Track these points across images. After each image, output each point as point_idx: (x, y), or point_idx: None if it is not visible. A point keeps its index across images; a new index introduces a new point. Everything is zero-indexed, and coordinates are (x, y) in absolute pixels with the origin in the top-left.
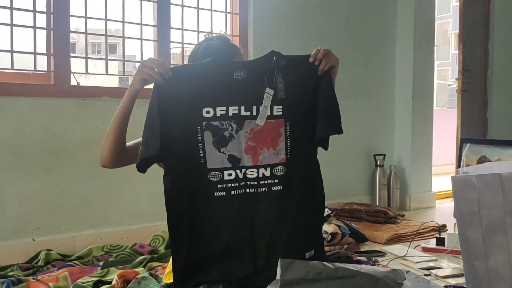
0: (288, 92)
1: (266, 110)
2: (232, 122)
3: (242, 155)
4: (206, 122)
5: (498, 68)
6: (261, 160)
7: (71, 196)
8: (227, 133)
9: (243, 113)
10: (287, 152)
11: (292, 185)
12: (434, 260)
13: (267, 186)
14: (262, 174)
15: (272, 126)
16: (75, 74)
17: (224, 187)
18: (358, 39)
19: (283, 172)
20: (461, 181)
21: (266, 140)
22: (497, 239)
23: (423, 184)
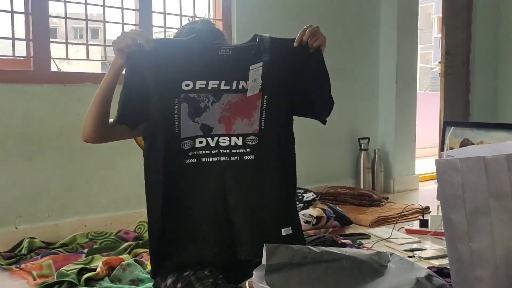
0: (270, 68)
1: (256, 82)
2: (209, 95)
3: (215, 124)
4: (184, 95)
5: (480, 52)
6: (234, 129)
7: (54, 183)
8: (203, 104)
9: (222, 87)
10: (261, 124)
11: (263, 156)
12: (417, 242)
13: (239, 155)
14: (234, 143)
15: (249, 99)
16: (55, 60)
17: (195, 154)
18: (341, 22)
19: (255, 142)
20: (445, 164)
21: (241, 111)
22: (480, 222)
23: (406, 167)
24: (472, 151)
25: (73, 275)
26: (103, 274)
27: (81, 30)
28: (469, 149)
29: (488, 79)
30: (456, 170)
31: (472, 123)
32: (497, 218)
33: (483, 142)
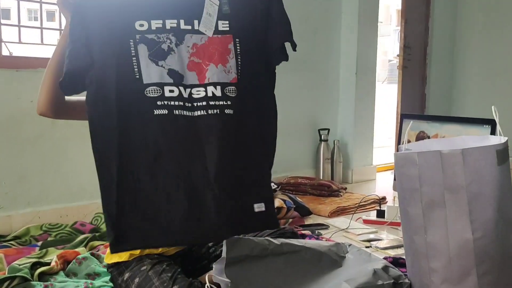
0: (234, 6)
1: (211, 18)
2: (170, 35)
3: (184, 72)
4: (140, 35)
5: (437, 45)
6: (209, 77)
7: (5, 173)
8: (165, 46)
9: (183, 27)
10: (238, 71)
11: (243, 112)
12: (374, 232)
13: (219, 108)
14: (212, 94)
15: (219, 41)
16: (7, 44)
17: (165, 105)
18: (305, 12)
19: (235, 94)
20: (404, 158)
21: (213, 56)
22: (435, 215)
23: (364, 157)
24: (429, 145)
25: (26, 269)
26: (58, 268)
27: (36, 12)
28: (426, 143)
29: (444, 72)
30: (414, 164)
31: (428, 116)
32: (451, 211)
33: (437, 135)
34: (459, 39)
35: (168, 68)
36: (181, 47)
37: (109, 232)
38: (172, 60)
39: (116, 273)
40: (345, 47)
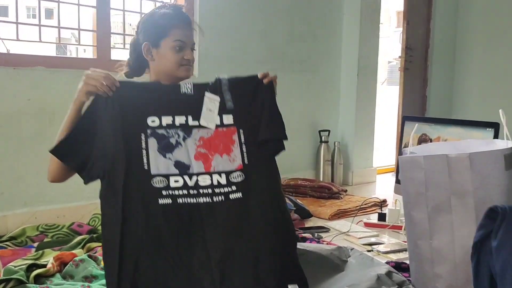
0: (237, 102)
1: (211, 113)
2: (178, 130)
3: (191, 162)
4: (151, 130)
5: (438, 47)
6: (214, 166)
7: (1, 172)
8: (173, 140)
9: (191, 123)
10: (244, 158)
11: (253, 193)
12: (375, 235)
13: (223, 195)
14: (217, 182)
15: (224, 133)
16: (4, 41)
17: (170, 194)
18: (305, 14)
19: (242, 178)
20: (409, 161)
21: (218, 147)
22: (441, 219)
23: (365, 159)
24: (434, 149)
25: (21, 272)
26: (54, 270)
27: (34, 9)
28: (430, 146)
29: (445, 74)
30: (420, 168)
31: (430, 119)
32: (457, 216)
33: (440, 137)
34: (461, 41)
35: (174, 160)
36: (188, 140)
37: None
38: (179, 152)
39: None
40: (347, 48)
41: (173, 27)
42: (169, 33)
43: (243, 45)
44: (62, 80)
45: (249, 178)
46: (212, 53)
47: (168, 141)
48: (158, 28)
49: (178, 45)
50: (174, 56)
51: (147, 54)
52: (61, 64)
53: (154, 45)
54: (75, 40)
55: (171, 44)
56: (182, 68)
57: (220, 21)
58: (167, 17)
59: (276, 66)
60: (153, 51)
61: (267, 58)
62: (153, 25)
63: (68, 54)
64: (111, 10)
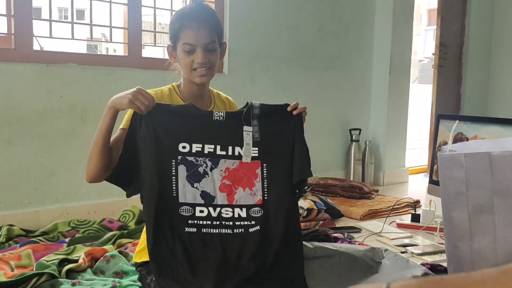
0: (263, 134)
1: (248, 147)
2: (207, 160)
3: (216, 193)
4: (181, 157)
5: (473, 44)
6: (237, 199)
7: (34, 168)
8: (202, 169)
9: (218, 152)
10: (264, 194)
11: (270, 227)
12: (409, 237)
13: (243, 228)
14: (238, 215)
15: (248, 166)
16: (38, 38)
17: (195, 224)
18: (337, 10)
19: (260, 214)
20: (449, 159)
21: (242, 180)
22: (482, 220)
23: (397, 159)
24: (475, 146)
25: (53, 266)
26: (85, 266)
27: (66, 11)
28: (470, 144)
29: (480, 72)
30: (460, 166)
31: (467, 117)
32: (500, 216)
33: (477, 136)
34: (496, 38)
35: (201, 190)
36: (215, 170)
37: None
38: (206, 182)
39: (145, 273)
40: (379, 45)
41: (184, 28)
42: (180, 36)
43: (273, 42)
44: (94, 77)
45: (267, 214)
46: (241, 49)
47: (197, 170)
48: (173, 30)
49: (187, 48)
50: (185, 60)
51: (170, 57)
52: (93, 61)
53: (174, 48)
54: (105, 40)
55: (181, 48)
56: (194, 73)
57: (250, 17)
58: (179, 17)
59: (306, 63)
60: (173, 54)
61: (297, 55)
62: (170, 27)
63: (100, 53)
64: (142, 7)
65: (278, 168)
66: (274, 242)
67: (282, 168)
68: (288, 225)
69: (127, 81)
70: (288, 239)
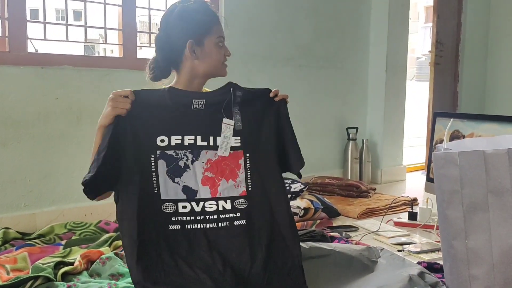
0: (246, 123)
1: (227, 140)
2: (187, 152)
3: (198, 187)
4: (160, 151)
5: (469, 42)
6: (220, 191)
7: (30, 170)
8: (182, 163)
9: (199, 143)
10: (248, 185)
11: (256, 220)
12: (406, 235)
13: (228, 221)
14: (223, 207)
15: (231, 157)
16: (32, 41)
17: (178, 220)
18: (333, 11)
19: (245, 205)
20: (443, 158)
21: (224, 171)
22: (477, 219)
23: (394, 157)
24: (469, 145)
25: (49, 269)
26: (81, 268)
27: (63, 12)
28: (466, 142)
29: (477, 69)
30: (455, 164)
31: (463, 114)
32: (495, 214)
33: (473, 134)
34: (493, 35)
35: (183, 185)
36: (196, 163)
37: None
38: (188, 176)
39: None
40: (375, 44)
41: (215, 23)
42: (212, 30)
43: (269, 41)
44: (89, 79)
45: (251, 206)
46: (237, 49)
47: (177, 164)
48: (201, 25)
49: (221, 41)
50: (219, 53)
51: (191, 53)
52: (88, 63)
53: (198, 43)
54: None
55: (215, 41)
56: (223, 65)
57: (246, 17)
58: (206, 14)
59: (302, 62)
60: (197, 49)
61: (293, 54)
62: (195, 22)
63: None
64: (137, 8)
65: (261, 157)
66: (263, 235)
67: (266, 157)
68: (276, 218)
69: (122, 83)
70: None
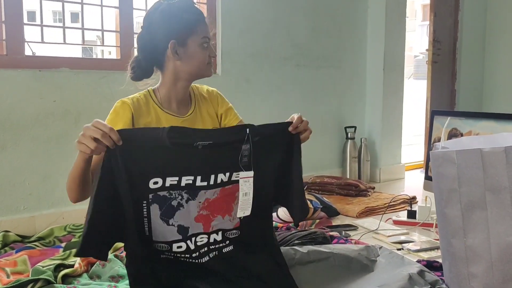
0: (253, 157)
1: (247, 197)
2: (183, 192)
3: (191, 223)
4: (153, 195)
5: (466, 39)
6: (213, 226)
7: (29, 173)
8: (175, 202)
9: (198, 183)
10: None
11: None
12: (405, 233)
13: (217, 250)
14: (214, 239)
15: (229, 192)
16: (29, 43)
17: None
18: (330, 9)
19: (237, 235)
20: (441, 156)
21: (221, 208)
22: (476, 217)
23: (392, 156)
24: (467, 143)
25: (49, 272)
26: (81, 271)
27: (60, 14)
28: (463, 141)
29: (474, 67)
30: (452, 163)
31: (461, 112)
32: (493, 212)
33: (471, 132)
34: (490, 33)
35: (177, 225)
36: (191, 202)
37: None
38: (180, 215)
39: None
40: (372, 42)
41: (200, 23)
42: (196, 30)
43: (267, 41)
44: (87, 81)
45: (243, 234)
46: (235, 49)
47: (170, 204)
48: (185, 25)
49: (205, 41)
50: (203, 54)
51: (174, 54)
52: (85, 65)
53: (180, 44)
54: (99, 43)
55: (199, 41)
56: (208, 66)
57: (243, 16)
58: (192, 12)
59: (300, 62)
60: (180, 50)
61: (291, 54)
62: (178, 21)
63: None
64: (134, 10)
65: (258, 189)
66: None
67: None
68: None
69: (119, 84)
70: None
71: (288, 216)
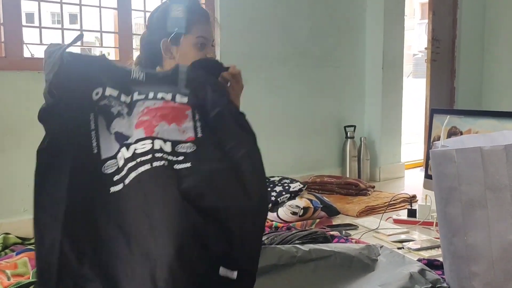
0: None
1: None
2: (123, 105)
3: (131, 132)
4: (97, 106)
5: (465, 38)
6: (158, 131)
7: (29, 175)
8: (115, 110)
9: (136, 97)
10: (197, 132)
11: (207, 167)
12: (406, 232)
13: (167, 161)
14: (160, 147)
15: (175, 106)
16: (28, 45)
17: (121, 177)
18: (329, 8)
19: (192, 149)
20: (441, 155)
21: (166, 116)
22: (476, 215)
23: (392, 154)
24: (467, 141)
25: None
26: None
27: (59, 15)
28: (463, 139)
29: (473, 65)
30: (452, 161)
31: (460, 111)
32: (493, 211)
33: (471, 130)
34: (489, 31)
35: (114, 132)
36: (133, 113)
37: None
38: (119, 122)
39: None
40: (371, 41)
41: (195, 23)
42: (190, 29)
43: (265, 41)
44: None
45: (201, 150)
46: (233, 49)
47: (109, 111)
48: (179, 23)
49: (201, 41)
50: (197, 54)
51: (166, 52)
52: None
53: (174, 43)
54: (98, 44)
55: (194, 41)
56: None
57: (241, 17)
58: (187, 12)
59: (299, 61)
60: (173, 48)
61: (289, 54)
62: (173, 20)
63: None
64: (132, 11)
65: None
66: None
67: None
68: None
69: None
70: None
71: (288, 216)
